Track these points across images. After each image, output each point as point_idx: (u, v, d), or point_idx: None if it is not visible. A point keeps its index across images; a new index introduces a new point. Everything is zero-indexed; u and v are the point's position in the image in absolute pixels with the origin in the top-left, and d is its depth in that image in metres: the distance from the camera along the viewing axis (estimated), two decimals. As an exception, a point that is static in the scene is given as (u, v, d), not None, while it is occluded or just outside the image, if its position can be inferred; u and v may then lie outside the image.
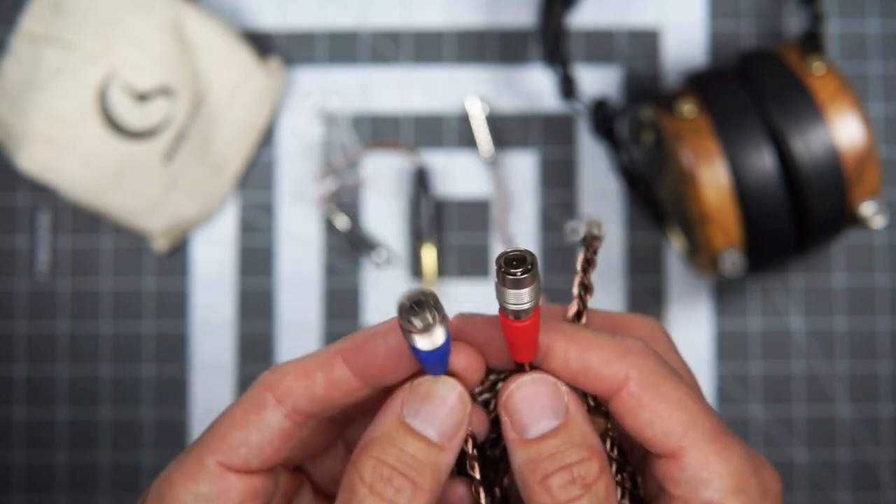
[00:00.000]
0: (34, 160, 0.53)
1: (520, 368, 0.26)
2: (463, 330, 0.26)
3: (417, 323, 0.22)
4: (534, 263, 0.23)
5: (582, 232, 0.26)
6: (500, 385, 0.26)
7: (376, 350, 0.25)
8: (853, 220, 0.51)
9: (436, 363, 0.25)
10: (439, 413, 0.24)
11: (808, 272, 0.59)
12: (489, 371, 0.27)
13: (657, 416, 0.24)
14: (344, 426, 0.29)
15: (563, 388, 0.25)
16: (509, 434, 0.25)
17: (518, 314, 0.24)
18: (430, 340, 0.23)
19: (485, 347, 0.26)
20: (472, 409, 0.25)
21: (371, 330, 0.26)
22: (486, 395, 0.27)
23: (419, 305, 0.23)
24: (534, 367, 0.26)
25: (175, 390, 0.59)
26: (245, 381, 0.59)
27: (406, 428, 0.24)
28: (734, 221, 0.50)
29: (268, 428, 0.25)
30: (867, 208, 0.51)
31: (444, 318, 0.23)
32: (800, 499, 0.58)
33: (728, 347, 0.59)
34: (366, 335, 0.25)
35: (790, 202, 0.50)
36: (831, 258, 0.59)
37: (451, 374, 0.25)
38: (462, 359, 0.25)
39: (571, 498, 0.24)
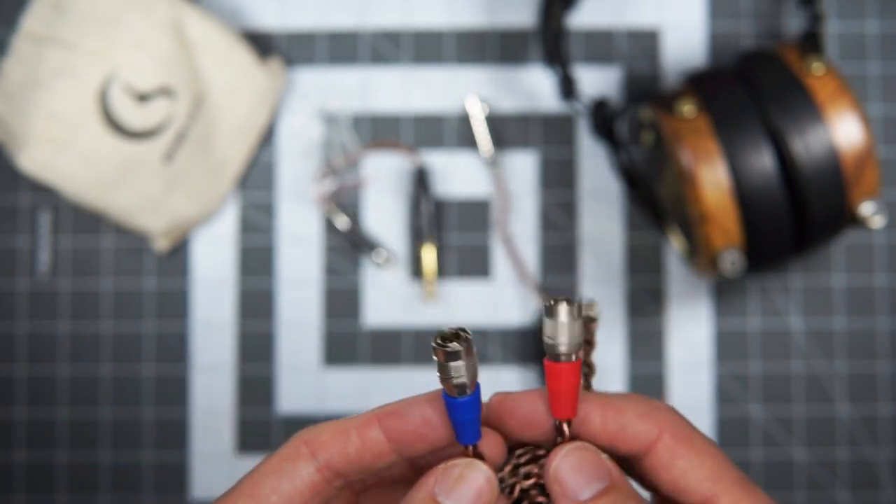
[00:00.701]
0: (34, 160, 0.54)
1: (559, 433, 0.28)
2: (503, 403, 0.28)
3: (451, 346, 0.25)
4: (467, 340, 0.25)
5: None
6: (521, 469, 0.29)
7: (410, 416, 0.27)
8: (852, 220, 0.51)
9: (468, 427, 0.26)
10: (468, 494, 0.26)
11: (807, 272, 0.60)
12: (513, 452, 0.29)
13: (691, 465, 0.26)
14: (359, 493, 0.31)
15: (603, 453, 0.27)
16: (563, 502, 0.27)
17: (559, 356, 0.26)
18: (462, 373, 0.25)
19: (528, 417, 0.28)
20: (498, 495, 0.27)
21: (410, 399, 0.27)
22: (512, 480, 0.29)
23: (454, 337, 0.25)
24: (570, 438, 0.28)
25: (175, 390, 0.59)
26: (245, 380, 0.59)
27: None
28: (734, 221, 0.50)
29: (299, 478, 0.27)
30: (866, 208, 0.51)
31: (473, 354, 0.25)
32: (799, 498, 0.58)
33: (727, 347, 0.59)
34: (404, 402, 0.27)
35: (790, 202, 0.50)
36: (831, 258, 0.60)
37: (479, 456, 0.27)
38: (489, 443, 0.27)
39: None
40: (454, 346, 0.25)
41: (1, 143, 0.56)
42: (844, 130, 0.49)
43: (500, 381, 0.59)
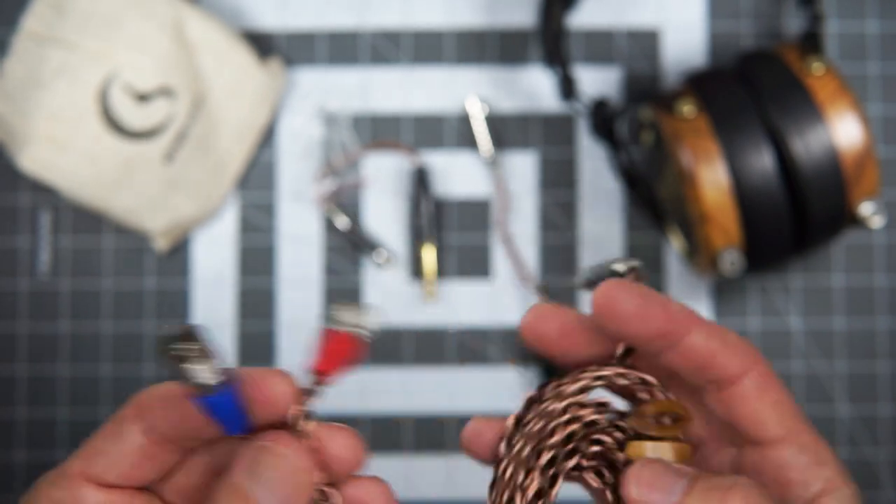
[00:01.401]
0: (35, 160, 0.54)
1: (624, 354, 0.28)
2: (535, 321, 0.29)
3: (181, 352, 0.24)
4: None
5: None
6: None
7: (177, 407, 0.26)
8: (852, 220, 0.52)
9: (229, 422, 0.25)
10: (278, 479, 0.25)
11: (807, 272, 0.60)
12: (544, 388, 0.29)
13: (773, 405, 0.27)
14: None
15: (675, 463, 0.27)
16: None
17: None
18: (198, 374, 0.24)
19: (563, 337, 0.29)
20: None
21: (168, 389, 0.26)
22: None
23: (182, 339, 0.24)
24: (627, 360, 0.28)
25: (175, 390, 0.59)
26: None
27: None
28: (733, 221, 0.50)
29: (126, 444, 0.26)
30: (866, 208, 0.51)
31: (207, 353, 0.24)
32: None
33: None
34: (256, 372, 0.26)
35: (790, 202, 0.50)
36: (830, 258, 0.60)
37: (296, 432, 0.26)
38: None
39: None
40: (182, 347, 0.24)
41: (1, 143, 0.56)
42: (844, 130, 0.50)
43: (500, 381, 0.59)
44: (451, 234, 0.60)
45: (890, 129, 0.60)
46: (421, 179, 0.60)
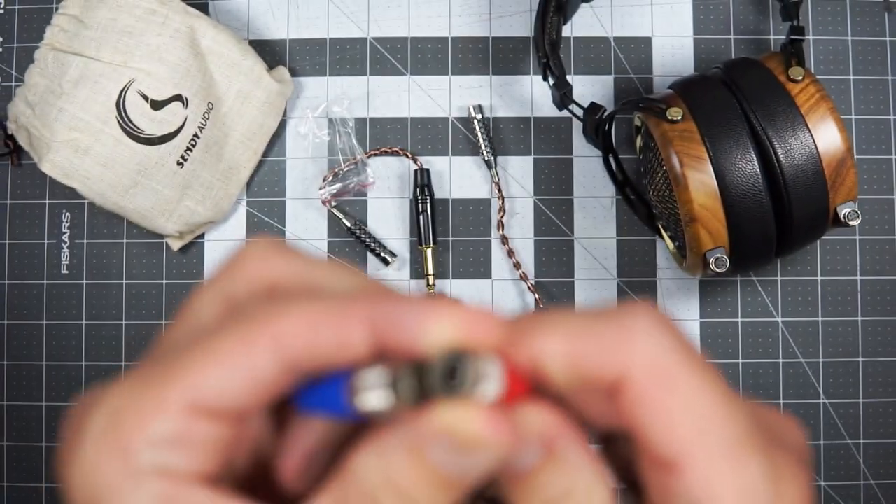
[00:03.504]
0: (56, 165, 0.55)
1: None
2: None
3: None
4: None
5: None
6: None
7: (414, 333, 0.20)
8: (833, 220, 0.52)
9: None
10: (481, 462, 0.19)
11: (791, 271, 0.61)
12: None
13: (663, 417, 0.20)
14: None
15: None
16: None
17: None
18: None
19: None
20: None
21: (410, 301, 0.20)
22: None
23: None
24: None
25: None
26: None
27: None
28: (720, 222, 0.50)
29: (257, 373, 0.20)
30: (846, 210, 0.51)
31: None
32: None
33: (715, 344, 0.61)
34: (405, 307, 0.20)
35: (774, 204, 0.51)
36: (813, 258, 0.61)
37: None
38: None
39: None
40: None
41: (26, 149, 0.58)
42: (825, 135, 0.50)
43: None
44: (452, 235, 0.62)
45: (868, 133, 0.62)
46: (423, 183, 0.61)
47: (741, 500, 0.20)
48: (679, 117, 0.51)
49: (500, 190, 0.61)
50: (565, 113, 0.61)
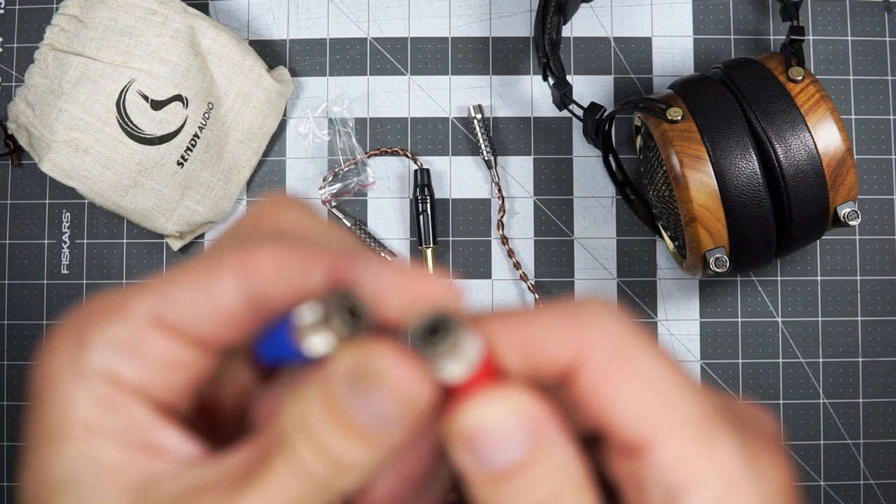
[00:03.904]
0: (56, 164, 0.55)
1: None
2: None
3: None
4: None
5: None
6: None
7: (368, 283, 0.20)
8: (833, 221, 0.52)
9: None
10: (390, 403, 0.18)
11: (791, 271, 0.61)
12: None
13: (625, 396, 0.19)
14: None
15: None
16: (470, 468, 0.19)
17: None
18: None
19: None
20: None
21: (373, 258, 0.20)
22: None
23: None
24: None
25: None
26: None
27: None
28: (720, 222, 0.51)
29: (217, 299, 0.20)
30: (846, 210, 0.52)
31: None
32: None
33: (715, 344, 0.61)
34: (365, 262, 0.20)
35: (773, 204, 0.51)
36: (813, 258, 0.61)
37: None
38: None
39: None
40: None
41: (26, 149, 0.58)
42: (824, 135, 0.50)
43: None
44: (452, 235, 0.62)
45: (868, 133, 0.62)
46: (423, 183, 0.61)
47: (717, 479, 0.18)
48: (679, 117, 0.51)
49: (500, 190, 0.61)
50: (565, 113, 0.61)
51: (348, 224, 0.61)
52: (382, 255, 0.61)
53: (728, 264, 0.51)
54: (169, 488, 0.19)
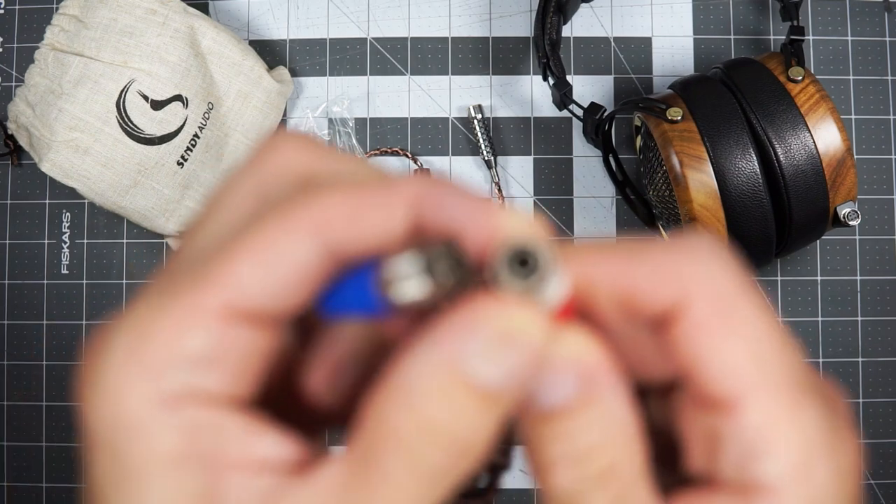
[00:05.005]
0: (56, 165, 0.55)
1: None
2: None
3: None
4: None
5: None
6: None
7: (461, 211, 0.18)
8: (833, 221, 0.53)
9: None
10: (518, 359, 0.17)
11: (791, 271, 0.61)
12: None
13: (722, 350, 0.18)
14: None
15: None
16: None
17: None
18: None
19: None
20: None
21: (449, 183, 0.18)
22: None
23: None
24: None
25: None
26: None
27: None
28: (720, 222, 0.51)
29: (299, 264, 0.18)
30: (846, 210, 0.52)
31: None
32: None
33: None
34: (447, 186, 0.18)
35: (773, 204, 0.51)
36: (813, 258, 0.61)
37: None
38: None
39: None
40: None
41: (26, 149, 0.58)
42: (824, 135, 0.51)
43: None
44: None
45: (868, 133, 0.62)
46: None
47: (798, 447, 0.18)
48: (679, 117, 0.51)
49: (500, 190, 0.61)
50: (565, 113, 0.61)
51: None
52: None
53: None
54: None
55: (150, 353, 0.17)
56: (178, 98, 0.57)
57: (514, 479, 0.59)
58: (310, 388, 0.21)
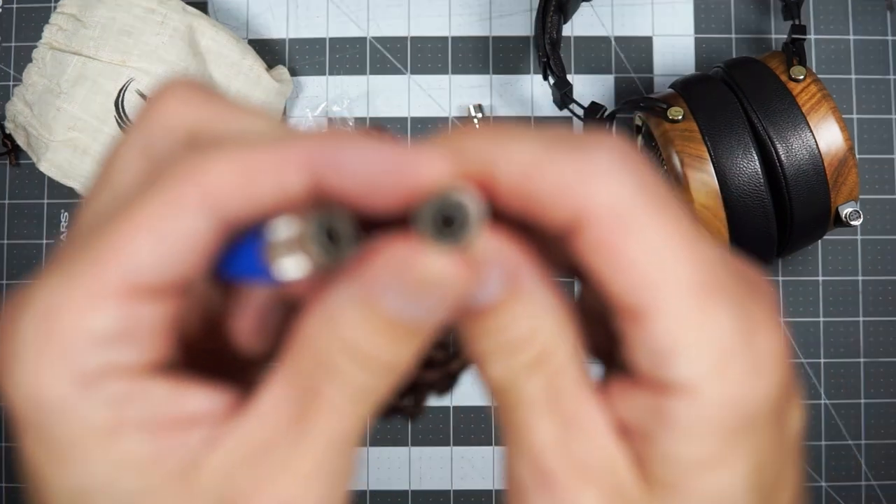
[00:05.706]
0: (55, 164, 0.56)
1: None
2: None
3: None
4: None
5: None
6: None
7: (362, 169, 0.17)
8: (835, 220, 0.52)
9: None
10: (436, 295, 0.17)
11: (792, 271, 0.61)
12: None
13: (625, 262, 0.18)
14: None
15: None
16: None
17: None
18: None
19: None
20: None
21: (351, 137, 0.18)
22: None
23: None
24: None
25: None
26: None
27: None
28: (721, 222, 0.51)
29: (192, 236, 0.18)
30: (848, 210, 0.52)
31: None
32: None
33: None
34: (346, 142, 0.18)
35: (775, 203, 0.51)
36: (815, 258, 0.61)
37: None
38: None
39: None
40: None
41: (24, 149, 0.58)
42: (826, 135, 0.51)
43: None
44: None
45: (869, 132, 0.62)
46: None
47: (710, 350, 0.18)
48: (680, 117, 0.51)
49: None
50: (566, 112, 0.61)
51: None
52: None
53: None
54: (219, 459, 0.18)
55: (59, 335, 0.17)
56: (176, 97, 0.57)
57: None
58: (238, 336, 0.21)
